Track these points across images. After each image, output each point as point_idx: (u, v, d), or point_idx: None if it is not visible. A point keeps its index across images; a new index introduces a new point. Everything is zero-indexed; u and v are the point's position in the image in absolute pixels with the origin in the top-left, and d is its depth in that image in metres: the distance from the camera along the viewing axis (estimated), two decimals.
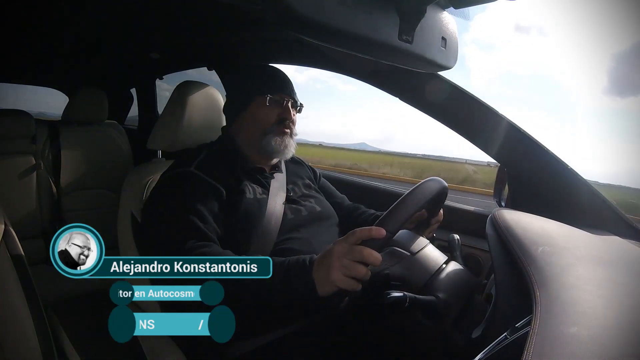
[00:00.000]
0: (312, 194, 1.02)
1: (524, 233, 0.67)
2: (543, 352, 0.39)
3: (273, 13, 0.52)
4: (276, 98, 0.95)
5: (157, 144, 1.06)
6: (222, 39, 1.34)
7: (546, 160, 0.98)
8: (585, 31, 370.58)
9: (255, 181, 0.94)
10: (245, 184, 0.91)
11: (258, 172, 0.96)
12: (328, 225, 0.97)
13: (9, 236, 0.79)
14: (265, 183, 0.95)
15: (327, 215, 0.98)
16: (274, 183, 0.96)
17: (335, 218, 1.01)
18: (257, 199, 0.90)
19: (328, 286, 0.65)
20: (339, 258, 0.65)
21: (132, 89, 2.20)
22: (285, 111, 0.95)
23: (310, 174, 1.11)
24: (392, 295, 0.69)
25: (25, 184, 1.67)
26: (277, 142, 0.94)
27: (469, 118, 1.04)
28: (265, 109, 0.95)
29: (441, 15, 0.70)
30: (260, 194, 0.92)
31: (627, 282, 0.60)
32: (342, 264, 0.64)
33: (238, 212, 0.86)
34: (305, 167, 1.12)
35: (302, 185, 1.03)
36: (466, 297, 0.78)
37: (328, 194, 1.11)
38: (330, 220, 0.98)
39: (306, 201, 0.98)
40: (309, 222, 0.93)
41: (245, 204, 0.87)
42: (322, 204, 1.00)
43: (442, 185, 0.81)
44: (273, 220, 0.88)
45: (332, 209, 1.02)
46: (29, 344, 0.75)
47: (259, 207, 0.88)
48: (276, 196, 0.93)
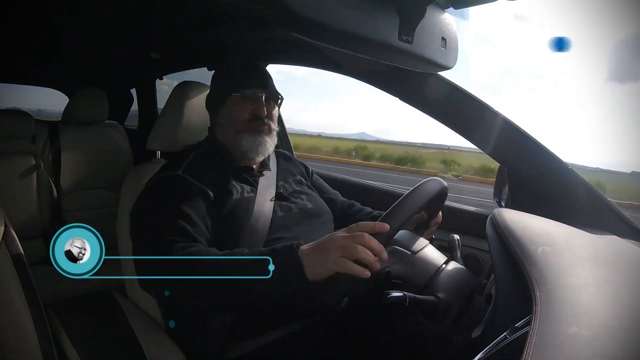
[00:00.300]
0: (303, 190, 1.00)
1: (524, 233, 0.67)
2: (543, 352, 0.39)
3: (273, 13, 0.52)
4: (249, 94, 0.92)
5: (156, 144, 1.06)
6: (222, 39, 1.34)
7: (546, 160, 0.98)
8: (584, 20, 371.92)
9: (243, 180, 0.92)
10: (232, 184, 0.89)
11: (245, 171, 0.94)
12: (321, 223, 0.95)
13: (9, 236, 0.79)
14: (253, 181, 0.93)
15: (319, 212, 0.97)
16: (262, 181, 0.94)
17: (329, 215, 0.99)
18: (244, 198, 0.88)
19: (321, 269, 0.62)
20: (340, 240, 0.62)
21: (132, 89, 2.20)
22: (259, 107, 0.93)
23: (302, 170, 1.09)
24: (392, 295, 0.69)
25: (25, 184, 1.67)
26: (248, 141, 0.92)
27: (469, 118, 1.04)
28: (238, 107, 0.93)
29: (441, 16, 0.70)
30: (248, 192, 0.90)
31: (627, 282, 0.60)
32: (342, 245, 0.61)
33: (226, 213, 0.85)
34: (296, 164, 1.11)
35: (293, 181, 1.01)
36: (466, 297, 0.79)
37: (321, 190, 1.09)
38: (323, 217, 0.97)
39: (297, 198, 0.96)
40: (300, 220, 0.91)
41: (231, 204, 0.86)
42: (314, 200, 0.98)
43: (442, 185, 0.81)
44: (262, 219, 0.86)
45: (325, 205, 1.00)
46: (29, 344, 0.75)
47: (246, 205, 0.87)
48: (264, 194, 0.91)
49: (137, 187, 1.00)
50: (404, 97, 1.11)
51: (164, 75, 2.02)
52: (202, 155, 0.94)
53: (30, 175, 1.68)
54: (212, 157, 0.94)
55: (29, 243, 1.65)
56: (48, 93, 2.19)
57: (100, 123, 1.88)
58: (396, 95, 1.12)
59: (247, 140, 0.92)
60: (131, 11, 1.09)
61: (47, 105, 3.04)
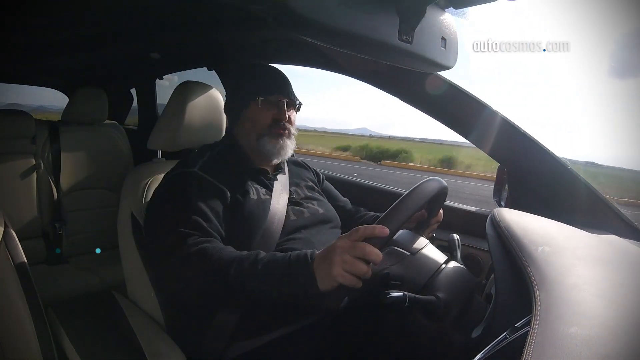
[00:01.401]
0: (315, 196, 1.02)
1: (524, 233, 0.67)
2: (543, 352, 0.39)
3: (273, 13, 0.52)
4: (271, 99, 0.95)
5: (157, 144, 1.06)
6: (222, 39, 1.34)
7: (546, 160, 0.98)
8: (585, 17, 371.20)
9: (259, 182, 0.94)
10: (248, 185, 0.91)
11: (261, 173, 0.96)
12: (330, 228, 0.97)
13: (9, 236, 0.79)
14: (269, 184, 0.95)
15: (329, 218, 0.99)
16: (277, 184, 0.96)
17: (338, 221, 1.01)
18: (260, 200, 0.90)
19: (328, 281, 0.65)
20: (341, 253, 0.65)
21: (132, 89, 2.20)
22: (280, 112, 0.95)
23: (313, 176, 1.12)
24: (391, 294, 0.69)
25: (25, 184, 1.67)
26: (272, 144, 0.94)
27: (468, 118, 1.05)
28: (260, 112, 0.95)
29: (441, 16, 0.70)
30: (264, 195, 0.92)
31: (627, 281, 0.60)
32: (343, 260, 0.64)
33: (241, 213, 0.86)
34: (308, 170, 1.13)
35: (304, 187, 1.03)
36: (466, 297, 0.79)
37: (331, 197, 1.11)
38: (332, 223, 0.99)
39: (309, 203, 0.98)
40: (311, 224, 0.93)
41: (248, 205, 0.88)
42: (324, 206, 1.01)
43: (441, 185, 0.81)
44: (275, 222, 0.88)
45: (334, 211, 1.02)
46: (29, 343, 0.75)
47: (262, 208, 0.89)
48: (279, 197, 0.93)
49: (137, 187, 1.00)
50: (404, 97, 1.11)
51: (164, 75, 2.02)
52: (218, 155, 0.95)
53: (30, 175, 1.69)
54: (228, 158, 0.95)
55: (29, 243, 1.65)
56: (49, 89, 2.20)
57: (100, 123, 1.88)
58: (396, 95, 1.12)
59: (269, 143, 0.94)
60: (131, 11, 1.09)
61: (49, 101, 3.05)
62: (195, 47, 1.50)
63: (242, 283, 0.69)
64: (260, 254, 0.72)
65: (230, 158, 0.96)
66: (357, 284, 0.65)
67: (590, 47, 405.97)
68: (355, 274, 0.64)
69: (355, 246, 0.65)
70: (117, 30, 1.27)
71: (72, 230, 1.76)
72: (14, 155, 1.66)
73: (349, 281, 0.64)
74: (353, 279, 0.64)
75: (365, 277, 0.65)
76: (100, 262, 1.70)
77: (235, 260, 0.71)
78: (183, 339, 0.87)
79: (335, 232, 0.97)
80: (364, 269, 0.64)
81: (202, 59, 1.65)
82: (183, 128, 1.03)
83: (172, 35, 1.34)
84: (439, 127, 1.06)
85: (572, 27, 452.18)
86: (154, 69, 1.94)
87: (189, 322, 0.86)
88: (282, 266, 0.69)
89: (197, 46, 1.48)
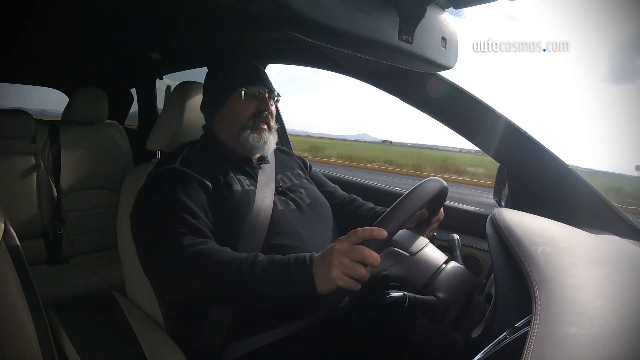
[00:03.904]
0: (302, 184, 1.01)
1: (524, 233, 0.67)
2: (543, 352, 0.39)
3: (273, 13, 0.52)
4: (252, 90, 0.94)
5: (156, 144, 1.06)
6: (222, 39, 1.34)
7: (546, 160, 0.98)
8: (582, 20, 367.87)
9: (243, 172, 0.93)
10: (231, 176, 0.90)
11: (245, 163, 0.95)
12: (319, 216, 0.95)
13: (9, 236, 0.79)
14: (253, 174, 0.94)
15: (318, 205, 0.97)
16: (261, 174, 0.95)
17: (328, 208, 1.00)
18: (245, 191, 0.89)
19: (327, 284, 0.65)
20: (339, 257, 0.64)
21: (132, 89, 2.20)
22: (263, 102, 0.94)
23: (300, 163, 1.10)
24: (391, 295, 0.69)
25: (26, 184, 1.67)
26: (254, 138, 0.93)
27: (468, 118, 1.04)
28: (242, 103, 0.94)
29: (441, 15, 0.70)
30: (248, 185, 0.91)
31: (627, 281, 0.60)
32: (341, 263, 0.64)
33: (226, 205, 0.85)
34: (294, 158, 1.12)
35: (291, 175, 1.02)
36: (466, 297, 0.78)
37: (319, 183, 1.09)
38: (322, 210, 0.97)
39: (296, 192, 0.96)
40: (300, 214, 0.92)
41: (232, 197, 0.86)
42: (313, 194, 0.99)
43: (441, 185, 0.81)
44: (262, 213, 0.86)
45: (323, 198, 1.01)
46: (28, 344, 0.75)
47: (247, 199, 0.87)
48: (265, 188, 0.92)
49: (137, 187, 0.99)
50: (404, 97, 1.11)
51: (164, 75, 2.02)
52: (198, 150, 0.94)
53: (30, 175, 1.69)
54: (209, 151, 0.94)
55: (29, 243, 1.65)
56: (51, 93, 2.20)
57: (100, 123, 1.88)
58: (396, 95, 1.12)
59: (251, 137, 0.93)
60: (131, 11, 1.09)
61: (51, 105, 3.05)
62: (195, 47, 1.50)
63: (240, 286, 0.69)
64: (259, 256, 0.72)
65: (210, 151, 0.94)
66: (355, 287, 0.65)
67: (588, 53, 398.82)
68: (353, 277, 0.64)
69: (353, 249, 0.64)
70: (118, 30, 1.27)
71: (72, 230, 1.76)
72: (14, 155, 1.66)
73: (347, 284, 0.64)
74: (351, 282, 0.64)
75: (364, 280, 0.65)
76: (100, 262, 1.70)
77: (233, 263, 0.70)
78: (182, 338, 0.87)
79: (326, 221, 0.96)
80: (362, 272, 0.64)
81: (202, 59, 1.65)
82: (182, 128, 1.03)
83: (172, 35, 1.34)
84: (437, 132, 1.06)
85: (572, 29, 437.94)
86: (154, 69, 1.94)
87: (187, 322, 0.86)
88: (281, 269, 0.68)
89: (197, 46, 1.48)
